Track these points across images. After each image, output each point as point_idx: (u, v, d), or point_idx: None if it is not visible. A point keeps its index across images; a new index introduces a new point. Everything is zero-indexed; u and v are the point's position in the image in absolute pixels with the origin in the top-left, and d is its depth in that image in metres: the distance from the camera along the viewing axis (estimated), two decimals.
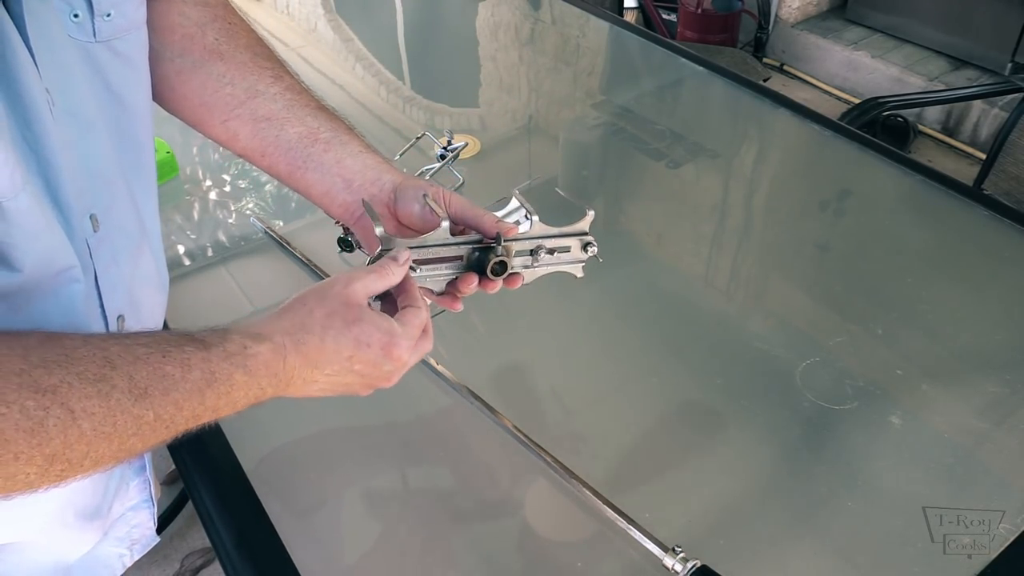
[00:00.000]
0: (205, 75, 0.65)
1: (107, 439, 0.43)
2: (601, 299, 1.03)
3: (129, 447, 0.45)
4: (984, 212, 1.10)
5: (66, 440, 0.41)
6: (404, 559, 0.76)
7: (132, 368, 0.45)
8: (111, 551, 0.77)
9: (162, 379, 0.46)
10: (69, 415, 0.41)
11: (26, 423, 0.40)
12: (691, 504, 0.78)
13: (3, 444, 0.39)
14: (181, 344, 0.48)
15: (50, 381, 0.41)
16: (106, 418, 0.43)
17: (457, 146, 1.23)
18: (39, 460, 0.41)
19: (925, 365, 0.91)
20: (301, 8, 1.92)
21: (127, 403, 0.44)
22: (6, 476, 0.40)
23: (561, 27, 1.74)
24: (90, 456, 0.43)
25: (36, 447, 0.40)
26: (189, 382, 0.47)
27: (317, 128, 0.66)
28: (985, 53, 2.86)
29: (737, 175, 1.30)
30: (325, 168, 0.65)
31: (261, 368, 0.51)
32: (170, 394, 0.46)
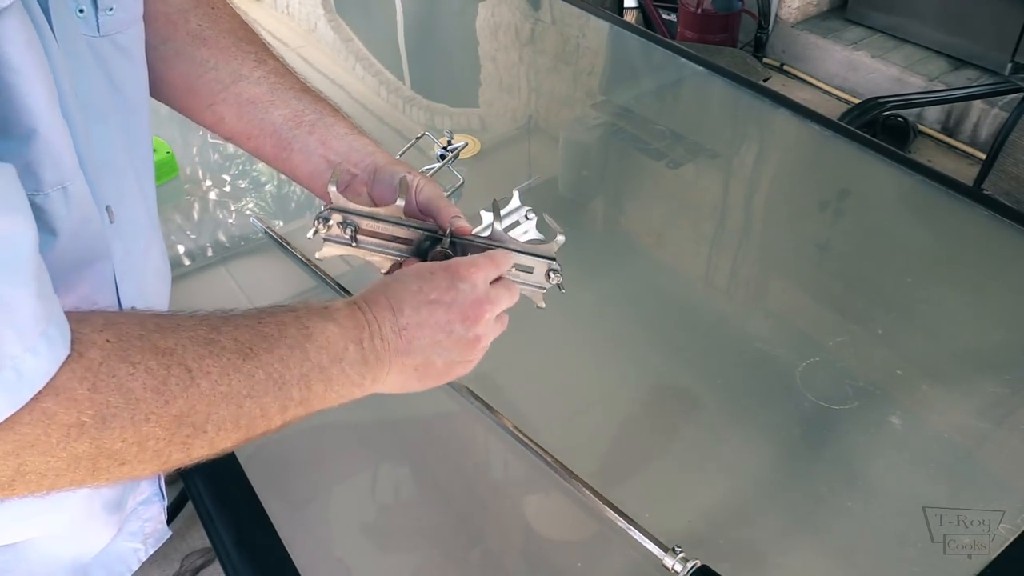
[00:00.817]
0: (189, 61, 0.66)
1: (224, 400, 0.45)
2: (601, 299, 1.03)
3: (248, 412, 0.46)
4: (984, 212, 1.10)
5: (188, 400, 0.43)
6: (404, 559, 0.76)
7: (235, 332, 0.47)
8: (126, 546, 0.78)
9: (264, 339, 0.48)
10: (187, 374, 0.43)
11: (152, 381, 0.42)
12: (691, 504, 0.78)
13: (135, 404, 0.41)
14: (272, 311, 0.51)
15: (167, 343, 0.43)
16: (221, 376, 0.45)
17: (457, 146, 1.23)
18: (167, 421, 0.42)
19: (925, 365, 0.91)
20: (301, 8, 1.92)
21: (238, 361, 0.46)
22: (139, 440, 0.42)
23: (561, 27, 1.74)
24: (212, 420, 0.45)
25: (163, 406, 0.42)
26: (289, 338, 0.49)
27: (302, 110, 0.66)
28: (985, 53, 2.86)
29: (737, 175, 1.30)
30: (310, 150, 0.66)
31: (347, 319, 0.52)
32: (274, 351, 0.48)
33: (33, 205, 0.43)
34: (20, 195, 0.39)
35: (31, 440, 0.38)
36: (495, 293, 0.59)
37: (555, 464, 0.75)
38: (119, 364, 0.41)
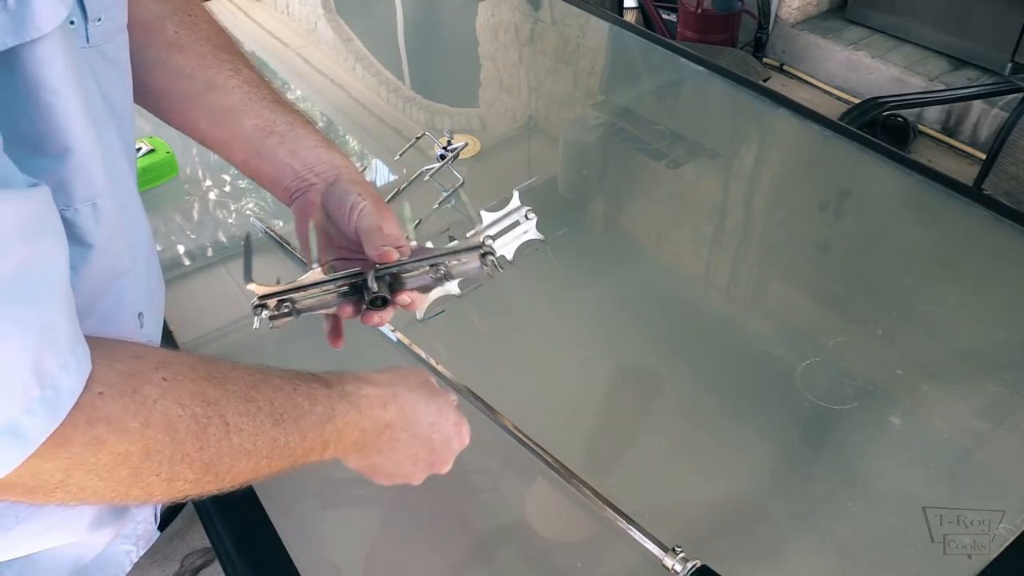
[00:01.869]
0: (166, 67, 0.67)
1: (247, 456, 0.48)
2: (601, 299, 1.03)
3: (259, 469, 0.49)
4: (984, 212, 1.10)
5: (219, 450, 0.46)
6: (404, 559, 0.76)
7: (272, 394, 0.50)
8: (120, 548, 0.79)
9: (294, 408, 0.51)
10: (224, 427, 0.46)
11: (195, 427, 0.44)
12: (691, 504, 0.78)
13: (177, 443, 0.43)
14: (308, 380, 0.54)
15: (214, 393, 0.46)
16: (251, 436, 0.48)
17: (457, 146, 1.23)
18: (198, 466, 0.45)
19: (925, 365, 0.91)
20: (301, 8, 1.92)
21: (267, 425, 0.49)
22: (171, 477, 0.44)
23: (561, 27, 1.74)
24: (232, 472, 0.47)
25: (198, 451, 0.44)
26: (314, 415, 0.53)
27: (273, 121, 0.68)
28: (985, 53, 2.86)
29: (737, 175, 1.30)
30: (278, 159, 0.68)
31: (367, 409, 0.57)
32: (299, 423, 0.51)
33: (64, 220, 0.45)
34: (55, 218, 0.41)
35: (80, 461, 0.40)
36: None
37: (555, 464, 0.75)
38: (172, 405, 0.43)
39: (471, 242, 0.66)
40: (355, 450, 0.58)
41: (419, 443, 0.62)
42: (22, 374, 0.37)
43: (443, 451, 0.65)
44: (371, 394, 0.58)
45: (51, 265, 0.39)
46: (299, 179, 0.68)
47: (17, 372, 0.37)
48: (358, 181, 0.68)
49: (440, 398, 0.64)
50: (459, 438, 0.66)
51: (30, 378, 0.37)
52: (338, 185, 0.66)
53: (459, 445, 0.66)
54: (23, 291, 0.37)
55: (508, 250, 1.02)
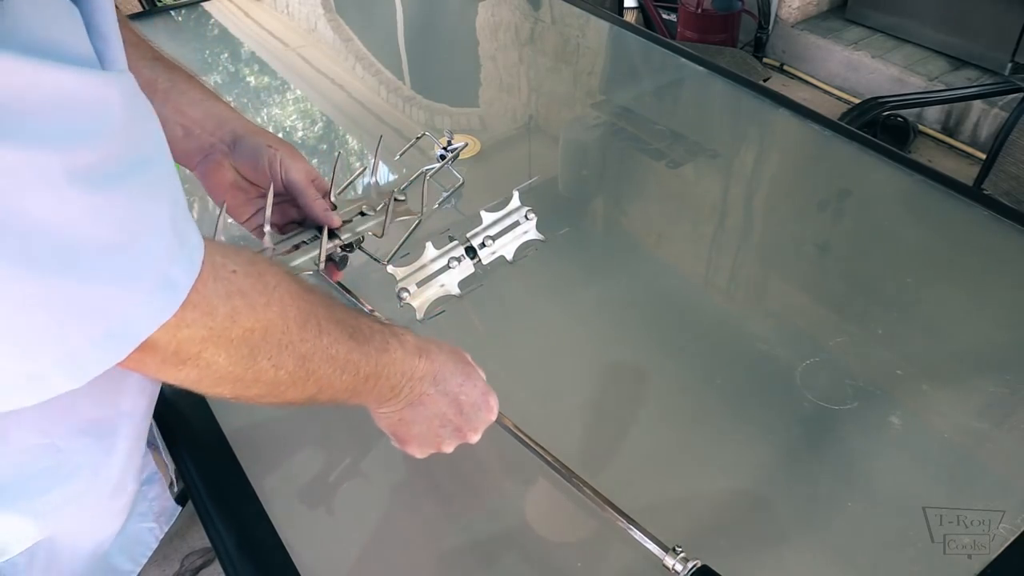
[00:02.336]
0: None
1: (331, 362, 0.53)
2: (601, 299, 1.03)
3: (333, 380, 0.54)
4: (984, 212, 1.10)
5: (314, 346, 0.51)
6: (404, 559, 0.76)
7: (344, 314, 0.55)
8: (140, 527, 0.81)
9: (360, 332, 0.56)
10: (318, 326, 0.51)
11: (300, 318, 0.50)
12: (691, 504, 0.78)
13: (286, 329, 0.48)
14: (365, 315, 0.60)
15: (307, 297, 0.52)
16: (335, 341, 0.53)
17: (457, 146, 1.23)
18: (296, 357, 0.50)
19: (925, 365, 0.91)
20: (301, 8, 1.92)
21: (345, 336, 0.54)
22: (277, 364, 0.48)
23: (561, 27, 1.74)
24: (315, 375, 0.52)
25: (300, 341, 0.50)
26: (374, 342, 0.57)
27: (155, 79, 0.67)
28: (985, 53, 2.86)
29: (737, 175, 1.30)
30: (165, 117, 0.66)
31: (413, 350, 0.61)
32: (363, 345, 0.56)
33: None
34: (145, 98, 0.42)
35: (218, 332, 0.44)
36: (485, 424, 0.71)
37: (555, 463, 0.75)
38: (285, 294, 0.48)
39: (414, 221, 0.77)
40: (392, 395, 0.61)
41: (447, 401, 0.64)
42: (166, 231, 0.40)
43: (471, 416, 0.66)
44: (410, 342, 0.61)
45: (157, 132, 0.42)
46: (191, 137, 0.68)
47: (164, 228, 0.40)
48: (258, 132, 0.70)
49: (469, 366, 0.67)
50: (487, 407, 0.68)
51: (171, 234, 0.40)
52: (244, 142, 0.68)
53: (487, 413, 0.68)
54: (146, 156, 0.40)
55: (508, 250, 1.02)
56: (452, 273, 0.95)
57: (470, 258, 0.97)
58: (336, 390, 0.55)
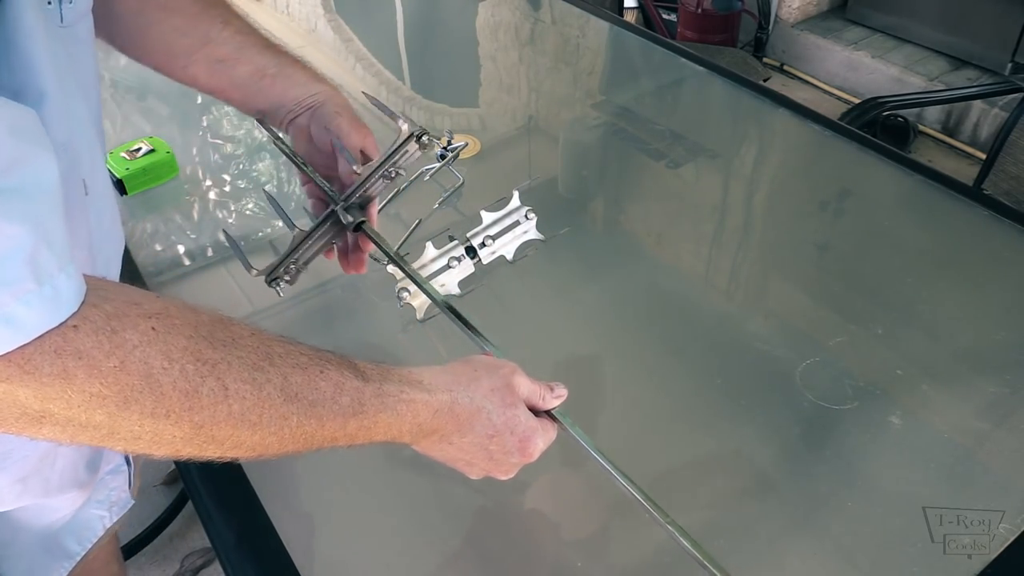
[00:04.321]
0: (161, 30, 0.73)
1: (251, 428, 0.46)
2: (601, 299, 1.03)
3: (267, 444, 0.47)
4: (984, 212, 1.10)
5: (215, 415, 0.44)
6: (404, 559, 0.76)
7: (289, 371, 0.47)
8: (92, 513, 0.82)
9: (313, 391, 0.48)
10: (223, 391, 0.44)
11: (183, 384, 0.42)
12: (691, 503, 0.78)
13: (159, 398, 0.42)
14: (341, 367, 0.51)
15: (213, 355, 0.44)
16: (254, 407, 0.45)
17: (457, 146, 1.23)
18: (187, 426, 0.43)
19: (925, 365, 0.91)
20: (301, 8, 1.92)
21: (277, 400, 0.46)
22: (155, 432, 0.43)
23: (561, 27, 1.74)
24: (232, 439, 0.45)
25: (187, 411, 0.43)
26: (337, 404, 0.50)
27: (264, 65, 0.75)
28: (985, 53, 2.86)
29: (737, 175, 1.30)
30: (272, 99, 0.76)
31: (409, 415, 0.54)
32: (316, 408, 0.48)
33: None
34: (45, 136, 0.41)
35: (51, 393, 0.39)
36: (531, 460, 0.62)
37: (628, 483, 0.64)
38: (155, 355, 0.42)
39: (403, 136, 0.77)
40: (394, 441, 0.56)
41: (474, 449, 0.59)
42: (15, 264, 0.37)
43: (502, 462, 0.60)
44: (418, 400, 0.54)
45: (44, 171, 0.40)
46: (290, 112, 0.76)
47: (10, 261, 0.37)
48: (341, 104, 0.76)
49: (514, 408, 0.58)
50: (523, 453, 0.60)
51: (25, 270, 0.37)
52: (322, 109, 0.75)
53: (523, 458, 0.61)
54: (15, 186, 0.38)
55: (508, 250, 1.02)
56: (452, 273, 0.95)
57: (470, 258, 0.97)
58: (288, 450, 0.49)
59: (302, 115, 0.76)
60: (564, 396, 0.63)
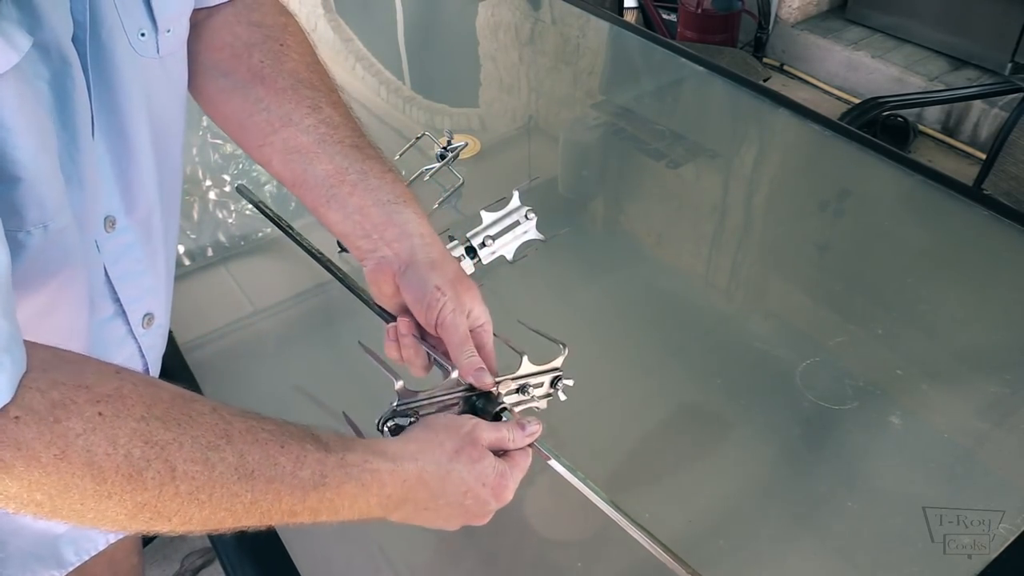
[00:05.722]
0: (244, 97, 0.65)
1: (200, 505, 0.45)
2: (601, 299, 1.03)
3: (219, 520, 0.46)
4: (984, 212, 1.10)
5: (160, 495, 0.43)
6: (404, 559, 0.76)
7: (247, 448, 0.46)
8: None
9: (271, 467, 0.47)
10: (170, 473, 0.43)
11: (127, 469, 0.42)
12: (691, 503, 0.78)
13: (101, 481, 0.41)
14: (302, 439, 0.49)
15: (164, 436, 0.43)
16: (204, 486, 0.44)
17: (457, 146, 1.23)
18: (130, 505, 0.42)
19: (925, 365, 0.91)
20: (301, 8, 1.92)
21: (229, 479, 0.45)
22: (98, 512, 0.42)
23: (561, 27, 1.74)
24: (180, 515, 0.44)
25: (129, 492, 0.42)
26: (297, 478, 0.48)
27: (346, 168, 0.64)
28: (985, 53, 2.86)
29: (737, 175, 1.30)
30: (347, 212, 0.64)
31: (375, 485, 0.52)
32: (274, 483, 0.47)
33: (14, 240, 0.47)
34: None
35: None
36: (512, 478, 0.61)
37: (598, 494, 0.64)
38: (99, 441, 0.41)
39: (551, 365, 0.68)
40: (365, 517, 0.53)
41: (450, 509, 0.57)
42: None
43: (479, 512, 0.59)
44: (383, 470, 0.52)
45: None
46: (368, 239, 0.63)
47: None
48: (436, 264, 0.63)
49: (481, 463, 0.57)
50: (498, 499, 0.59)
51: None
52: (415, 271, 0.62)
53: (499, 503, 0.60)
54: None
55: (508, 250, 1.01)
56: None
57: (470, 258, 0.97)
58: (243, 525, 0.47)
59: (385, 260, 0.64)
60: (538, 433, 0.61)
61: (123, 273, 0.61)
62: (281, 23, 0.68)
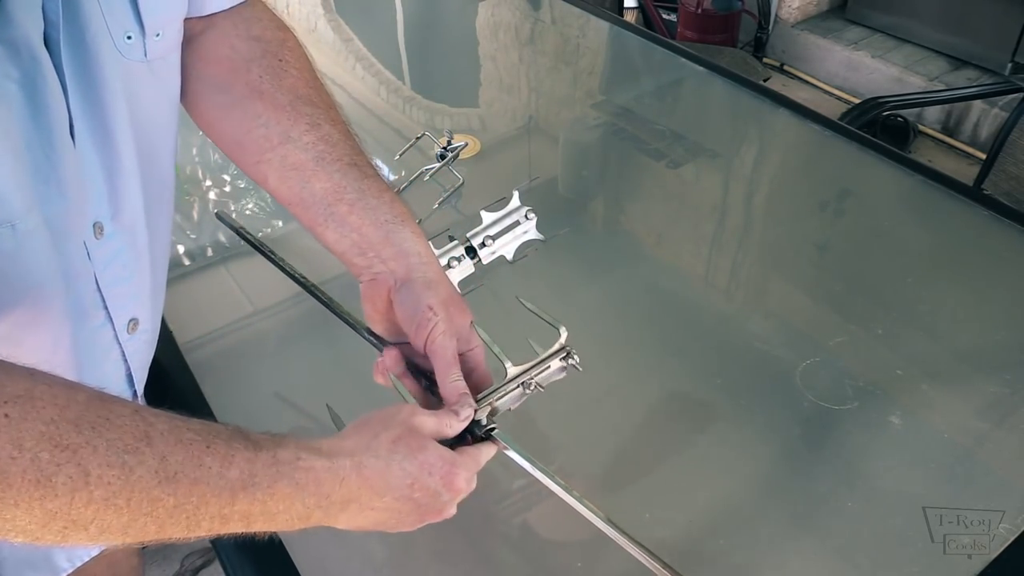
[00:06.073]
0: (242, 113, 0.64)
1: (117, 512, 0.42)
2: (601, 299, 1.03)
3: (140, 527, 0.44)
4: (984, 212, 1.10)
5: (72, 501, 0.41)
6: (404, 559, 0.76)
7: (169, 449, 0.44)
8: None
9: (196, 468, 0.45)
10: (83, 477, 0.41)
11: (33, 474, 0.39)
12: (691, 503, 0.78)
13: (5, 487, 0.39)
14: (230, 439, 0.47)
15: (75, 440, 0.41)
16: (121, 491, 0.42)
17: (457, 146, 1.23)
18: (39, 513, 0.40)
19: (925, 365, 0.91)
20: (301, 8, 1.92)
21: (149, 482, 0.43)
22: (4, 519, 0.40)
23: (561, 27, 1.74)
24: (96, 523, 0.42)
25: (38, 499, 0.40)
26: (224, 479, 0.46)
27: (344, 187, 0.63)
28: (985, 53, 2.86)
29: (737, 175, 1.30)
30: (344, 231, 0.63)
31: (311, 484, 0.49)
32: (198, 485, 0.45)
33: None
34: None
35: None
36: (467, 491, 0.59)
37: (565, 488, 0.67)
38: (3, 444, 0.39)
39: (552, 350, 0.66)
40: (306, 524, 0.50)
41: (399, 505, 0.55)
42: None
43: (432, 505, 0.57)
44: (318, 467, 0.50)
45: None
46: (364, 257, 0.63)
47: None
48: (431, 283, 0.62)
49: (424, 451, 0.54)
50: (450, 489, 0.56)
51: None
52: (410, 289, 0.62)
53: (452, 494, 0.57)
54: None
55: (508, 250, 1.02)
56: (452, 273, 0.95)
57: (470, 258, 0.97)
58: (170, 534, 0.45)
59: (381, 276, 0.64)
60: (470, 416, 0.59)
61: (111, 279, 0.60)
62: (280, 38, 0.67)
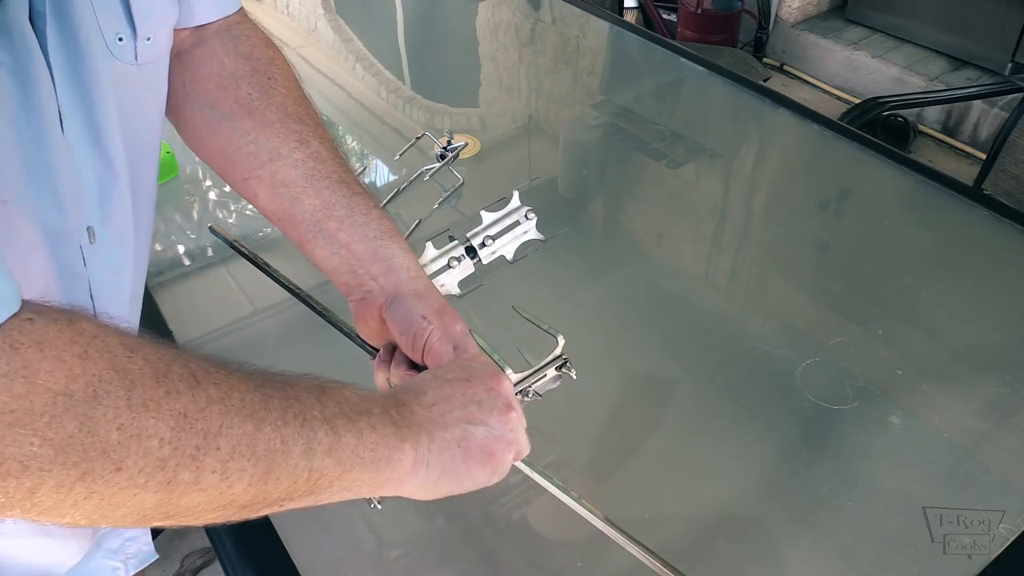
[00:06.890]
0: (231, 130, 0.65)
1: (238, 413, 0.41)
2: (601, 299, 1.03)
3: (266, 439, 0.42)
4: (984, 212, 1.10)
5: (195, 399, 0.39)
6: (404, 558, 0.76)
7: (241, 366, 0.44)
8: (104, 563, 0.75)
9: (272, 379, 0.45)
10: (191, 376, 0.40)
11: (150, 369, 0.38)
12: (691, 503, 0.78)
13: (131, 385, 0.37)
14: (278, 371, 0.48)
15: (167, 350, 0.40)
16: (230, 390, 0.41)
17: (457, 146, 1.23)
18: (170, 417, 0.38)
19: (925, 365, 0.91)
20: (301, 8, 1.92)
21: (246, 385, 0.42)
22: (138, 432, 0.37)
23: (561, 27, 1.74)
24: (225, 433, 0.40)
25: (164, 396, 0.38)
26: (300, 387, 0.46)
27: (333, 204, 0.64)
28: (985, 53, 2.86)
29: (737, 175, 1.30)
30: (333, 248, 0.64)
31: (366, 396, 0.50)
32: (287, 389, 0.45)
33: None
34: None
35: (10, 404, 0.33)
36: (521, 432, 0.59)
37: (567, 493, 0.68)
38: (116, 344, 0.38)
39: (550, 358, 0.67)
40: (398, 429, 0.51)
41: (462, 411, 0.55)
42: None
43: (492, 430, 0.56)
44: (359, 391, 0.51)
45: None
46: (354, 275, 0.64)
47: None
48: (421, 295, 0.63)
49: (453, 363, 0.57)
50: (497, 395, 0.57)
51: None
52: (401, 303, 0.62)
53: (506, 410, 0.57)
54: None
55: (508, 250, 1.02)
56: (452, 273, 0.95)
57: (470, 258, 0.97)
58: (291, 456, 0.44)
59: (371, 294, 0.64)
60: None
61: (100, 286, 0.59)
62: (268, 56, 0.68)
